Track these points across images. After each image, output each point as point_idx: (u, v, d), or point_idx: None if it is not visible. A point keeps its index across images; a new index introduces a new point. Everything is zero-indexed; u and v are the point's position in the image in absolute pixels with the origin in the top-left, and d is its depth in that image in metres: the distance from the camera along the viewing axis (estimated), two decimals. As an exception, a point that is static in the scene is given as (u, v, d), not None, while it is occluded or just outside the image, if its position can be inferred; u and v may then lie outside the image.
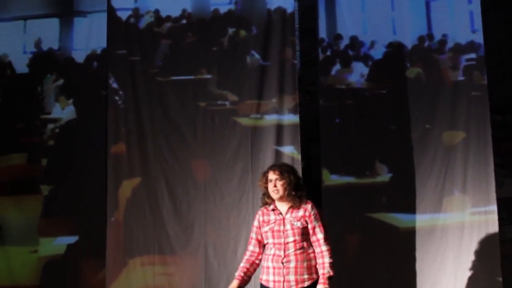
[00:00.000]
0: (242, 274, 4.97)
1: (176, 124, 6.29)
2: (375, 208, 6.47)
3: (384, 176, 6.57)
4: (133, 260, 6.14)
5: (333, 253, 4.96)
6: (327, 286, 4.88)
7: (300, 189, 5.03)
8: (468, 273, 6.34)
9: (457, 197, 6.46)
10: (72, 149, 6.79)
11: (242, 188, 6.14)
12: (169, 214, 6.15)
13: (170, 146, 6.25)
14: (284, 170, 5.03)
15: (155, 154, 6.23)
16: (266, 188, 5.02)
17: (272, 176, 5.00)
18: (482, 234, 6.38)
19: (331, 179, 6.51)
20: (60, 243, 6.72)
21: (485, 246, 6.37)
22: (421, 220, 6.48)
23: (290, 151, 6.18)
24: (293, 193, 4.98)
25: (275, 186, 4.97)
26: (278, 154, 6.16)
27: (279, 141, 6.20)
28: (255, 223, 5.06)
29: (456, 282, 6.37)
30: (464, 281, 6.34)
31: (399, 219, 6.49)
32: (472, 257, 6.36)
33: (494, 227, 6.37)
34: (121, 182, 6.21)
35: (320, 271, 4.92)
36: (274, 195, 4.98)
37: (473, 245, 6.38)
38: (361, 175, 6.54)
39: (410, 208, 6.48)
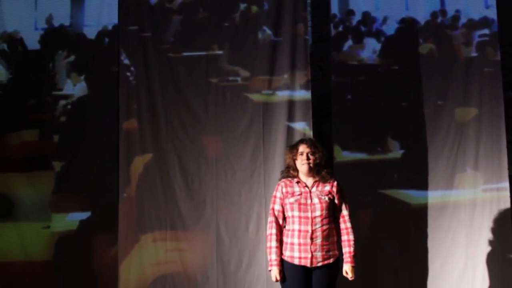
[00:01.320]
0: (278, 259, 4.89)
1: (188, 100, 6.28)
2: (387, 185, 6.47)
3: (396, 152, 6.56)
4: (145, 235, 6.16)
5: (353, 230, 5.04)
6: (354, 265, 4.95)
7: (329, 165, 5.06)
8: (480, 250, 6.35)
9: (469, 173, 6.44)
10: (84, 125, 6.79)
11: (253, 164, 6.14)
12: (181, 190, 6.15)
13: (181, 122, 6.25)
14: (317, 144, 5.03)
15: (167, 130, 6.22)
16: (294, 161, 4.99)
17: (304, 149, 4.97)
18: (494, 211, 6.38)
19: (343, 155, 6.51)
20: (72, 219, 6.75)
21: (497, 223, 6.36)
22: (433, 196, 6.47)
23: (302, 127, 6.17)
24: (323, 168, 4.98)
25: (308, 159, 4.94)
26: (289, 130, 6.15)
27: (290, 117, 6.18)
28: (278, 194, 4.99)
29: (467, 259, 6.37)
30: (475, 257, 6.34)
31: (410, 195, 6.49)
32: (483, 234, 6.36)
33: (506, 204, 6.36)
34: (133, 158, 6.21)
35: (346, 249, 4.96)
36: (304, 168, 4.94)
37: (485, 222, 6.38)
38: (373, 151, 6.53)
39: (422, 184, 6.48)
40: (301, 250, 4.86)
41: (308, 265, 4.86)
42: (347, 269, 4.95)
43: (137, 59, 6.44)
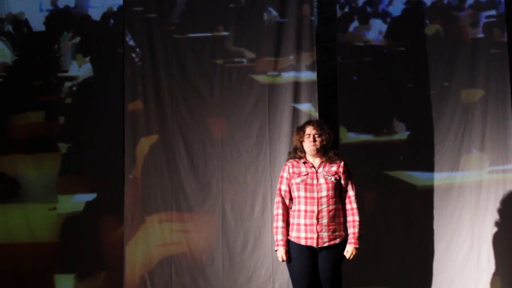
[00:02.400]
0: (285, 239, 4.92)
1: (193, 82, 6.27)
2: (393, 166, 6.46)
3: (401, 134, 6.55)
4: (150, 217, 6.17)
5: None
6: (357, 246, 4.95)
7: (335, 147, 5.07)
8: (485, 231, 6.35)
9: (475, 155, 6.43)
10: (89, 106, 6.79)
11: (259, 145, 6.14)
12: (187, 171, 6.16)
13: (187, 103, 6.24)
14: (324, 126, 5.04)
15: (172, 112, 6.22)
16: (301, 142, 5.01)
17: (311, 131, 4.98)
18: (499, 193, 6.38)
19: (349, 136, 6.50)
20: (78, 201, 6.77)
21: (502, 205, 6.36)
22: (439, 178, 6.47)
23: (308, 109, 6.16)
24: (330, 150, 5.00)
25: (314, 141, 4.96)
26: (295, 111, 6.14)
27: (296, 99, 6.17)
28: (285, 174, 5.01)
29: (473, 240, 6.37)
30: (481, 239, 6.35)
31: (416, 177, 6.49)
32: (489, 216, 6.36)
33: (511, 186, 6.35)
34: (138, 139, 6.21)
35: (351, 230, 4.96)
36: (311, 150, 4.96)
37: (490, 204, 6.38)
38: (378, 132, 6.52)
39: (428, 166, 6.47)
40: (307, 231, 4.87)
41: (314, 245, 4.88)
42: (349, 249, 4.95)
43: (142, 40, 6.42)
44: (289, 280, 5.85)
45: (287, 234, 4.93)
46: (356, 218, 4.98)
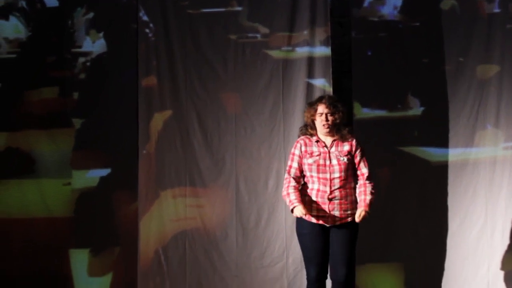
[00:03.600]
0: (299, 198, 4.80)
1: (207, 57, 6.25)
2: (407, 142, 6.44)
3: (416, 109, 6.52)
4: (164, 192, 6.19)
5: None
6: (367, 209, 4.85)
7: (347, 124, 4.97)
8: (499, 208, 6.33)
9: (490, 131, 6.40)
10: (103, 82, 6.80)
11: (273, 121, 6.13)
12: (200, 147, 6.16)
13: (201, 78, 6.23)
14: (337, 103, 4.94)
15: (186, 87, 6.21)
16: (313, 121, 4.92)
17: (323, 109, 4.88)
18: (514, 169, 6.36)
19: (363, 112, 6.48)
20: (92, 176, 6.79)
21: (517, 181, 6.35)
22: (453, 154, 6.45)
23: (322, 84, 6.14)
24: (342, 128, 4.91)
25: (327, 120, 4.87)
26: (309, 86, 6.12)
27: (310, 74, 6.15)
28: (296, 152, 4.94)
29: (486, 216, 6.36)
30: (494, 215, 6.33)
31: (430, 153, 6.47)
32: (503, 192, 6.34)
33: (527, 162, 6.34)
34: (152, 114, 6.22)
35: (362, 197, 4.88)
36: (323, 129, 4.88)
37: (505, 180, 6.36)
38: (393, 108, 6.49)
39: (442, 142, 6.45)
40: (319, 209, 4.85)
41: (325, 223, 4.85)
42: (358, 211, 4.83)
43: (156, 15, 6.40)
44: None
45: (300, 200, 4.82)
46: (369, 189, 4.92)
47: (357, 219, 4.84)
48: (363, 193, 4.91)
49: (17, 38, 6.98)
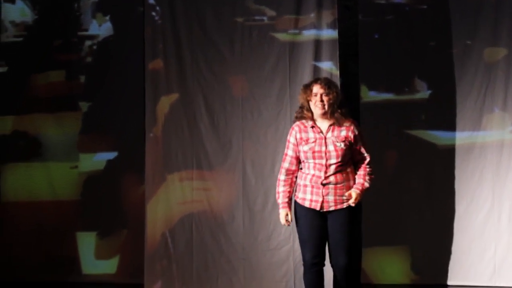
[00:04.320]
0: (287, 200, 4.85)
1: (214, 40, 6.23)
2: (414, 125, 6.43)
3: (423, 92, 6.51)
4: (171, 175, 6.19)
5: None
6: (359, 192, 4.77)
7: (343, 106, 4.85)
8: (506, 191, 6.31)
9: (497, 114, 6.37)
10: (110, 65, 6.81)
11: (280, 104, 6.11)
12: (207, 130, 6.16)
13: (207, 62, 6.21)
14: (331, 84, 4.86)
15: (193, 70, 6.20)
16: (308, 102, 4.84)
17: (318, 90, 4.80)
18: (521, 152, 6.34)
19: (370, 95, 6.47)
20: (99, 159, 6.82)
21: (524, 165, 6.34)
22: (460, 137, 6.43)
23: (329, 67, 6.11)
24: (338, 110, 4.81)
25: (321, 100, 4.78)
26: (316, 69, 6.09)
27: (317, 57, 6.11)
28: (291, 140, 4.88)
29: (493, 200, 6.35)
30: (501, 199, 6.32)
31: (437, 136, 6.46)
32: (510, 176, 6.31)
33: (534, 146, 6.32)
34: (159, 98, 6.21)
35: (360, 180, 4.83)
36: (318, 110, 4.79)
37: (512, 164, 6.35)
38: (400, 91, 6.47)
39: (449, 125, 6.43)
40: (313, 193, 4.80)
41: (318, 208, 4.79)
42: (352, 193, 4.75)
43: (162, -2, 6.38)
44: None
45: (290, 197, 4.85)
46: (368, 172, 4.83)
47: (351, 203, 4.76)
48: (361, 176, 4.84)
49: (23, 22, 7.00)
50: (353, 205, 4.77)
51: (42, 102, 6.91)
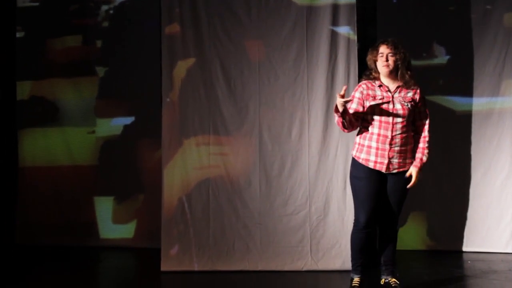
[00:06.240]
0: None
1: (230, 4, 6.17)
2: (432, 91, 6.39)
3: (441, 58, 6.46)
4: (188, 140, 6.17)
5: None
6: (417, 169, 4.84)
7: (411, 69, 4.88)
8: (524, 157, 6.31)
9: (516, 80, 6.33)
10: (126, 30, 6.80)
11: (297, 69, 6.06)
12: (224, 95, 6.13)
13: (224, 26, 6.16)
14: (398, 45, 4.86)
15: (209, 35, 6.14)
16: (375, 62, 4.88)
17: (384, 50, 4.85)
18: (540, 119, 6.30)
19: (387, 60, 6.41)
20: (116, 124, 6.84)
21: (543, 131, 6.30)
22: (478, 103, 6.40)
23: (346, 32, 6.05)
24: (406, 72, 4.84)
25: (387, 60, 4.82)
26: (333, 34, 6.02)
27: (335, 21, 6.04)
28: (357, 94, 4.90)
29: (511, 166, 6.33)
30: (519, 165, 6.31)
31: (455, 102, 6.42)
32: (529, 142, 6.30)
33: (553, 111, 6.27)
34: (176, 62, 6.16)
35: (419, 155, 4.87)
36: (384, 69, 4.83)
37: (531, 130, 6.31)
38: (418, 56, 6.42)
39: (467, 91, 6.40)
40: (378, 155, 4.82)
41: (384, 170, 4.83)
42: (413, 172, 4.83)
43: (179, -38, 6.31)
44: (326, 204, 5.94)
45: (350, 115, 4.78)
46: (426, 145, 4.87)
47: (412, 181, 4.82)
48: (421, 151, 4.87)
49: (40, -14, 6.98)
50: (411, 185, 4.85)
51: (59, 67, 6.92)
